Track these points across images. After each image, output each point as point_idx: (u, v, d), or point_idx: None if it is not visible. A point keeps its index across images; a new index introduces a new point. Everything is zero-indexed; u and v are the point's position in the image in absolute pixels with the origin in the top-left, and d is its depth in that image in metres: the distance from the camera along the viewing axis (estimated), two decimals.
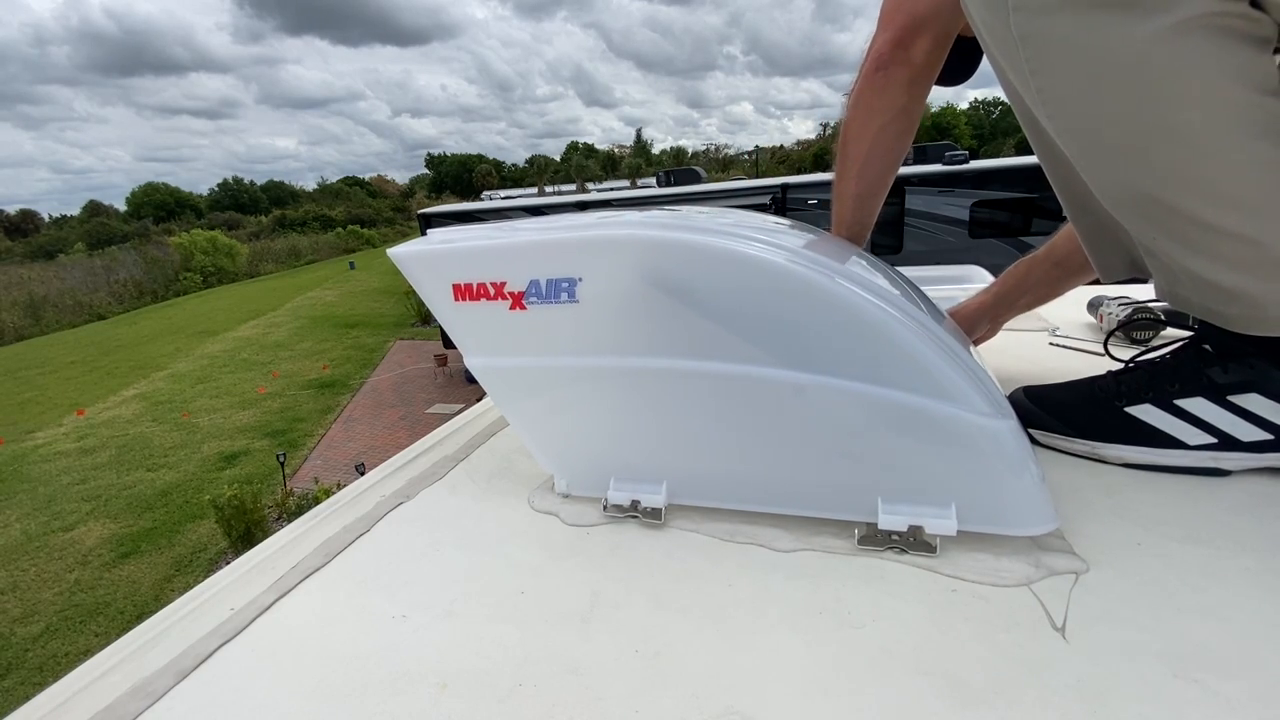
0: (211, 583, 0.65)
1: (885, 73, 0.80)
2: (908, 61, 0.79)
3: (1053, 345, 1.18)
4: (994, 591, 0.54)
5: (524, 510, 0.74)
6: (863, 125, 0.85)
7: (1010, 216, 9.84)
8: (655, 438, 0.69)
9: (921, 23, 0.77)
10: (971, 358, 0.59)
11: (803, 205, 10.63)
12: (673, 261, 0.60)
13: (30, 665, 6.55)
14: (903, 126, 0.85)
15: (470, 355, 0.71)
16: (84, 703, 0.50)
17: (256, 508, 8.33)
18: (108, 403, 14.98)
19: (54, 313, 28.52)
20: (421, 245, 0.68)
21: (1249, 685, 0.43)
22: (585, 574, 0.61)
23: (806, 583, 0.57)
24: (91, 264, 34.84)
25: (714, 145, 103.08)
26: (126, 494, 10.19)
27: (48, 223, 72.63)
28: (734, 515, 0.68)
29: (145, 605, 7.14)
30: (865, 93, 0.83)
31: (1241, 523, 0.60)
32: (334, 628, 0.57)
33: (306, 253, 47.21)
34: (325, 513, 0.77)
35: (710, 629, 0.52)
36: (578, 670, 0.49)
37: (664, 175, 13.31)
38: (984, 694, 0.44)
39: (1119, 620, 0.49)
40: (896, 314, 0.56)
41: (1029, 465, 0.58)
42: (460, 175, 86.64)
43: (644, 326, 0.63)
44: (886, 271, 0.77)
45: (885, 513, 0.60)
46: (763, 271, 0.57)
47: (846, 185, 0.90)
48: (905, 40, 0.78)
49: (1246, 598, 0.51)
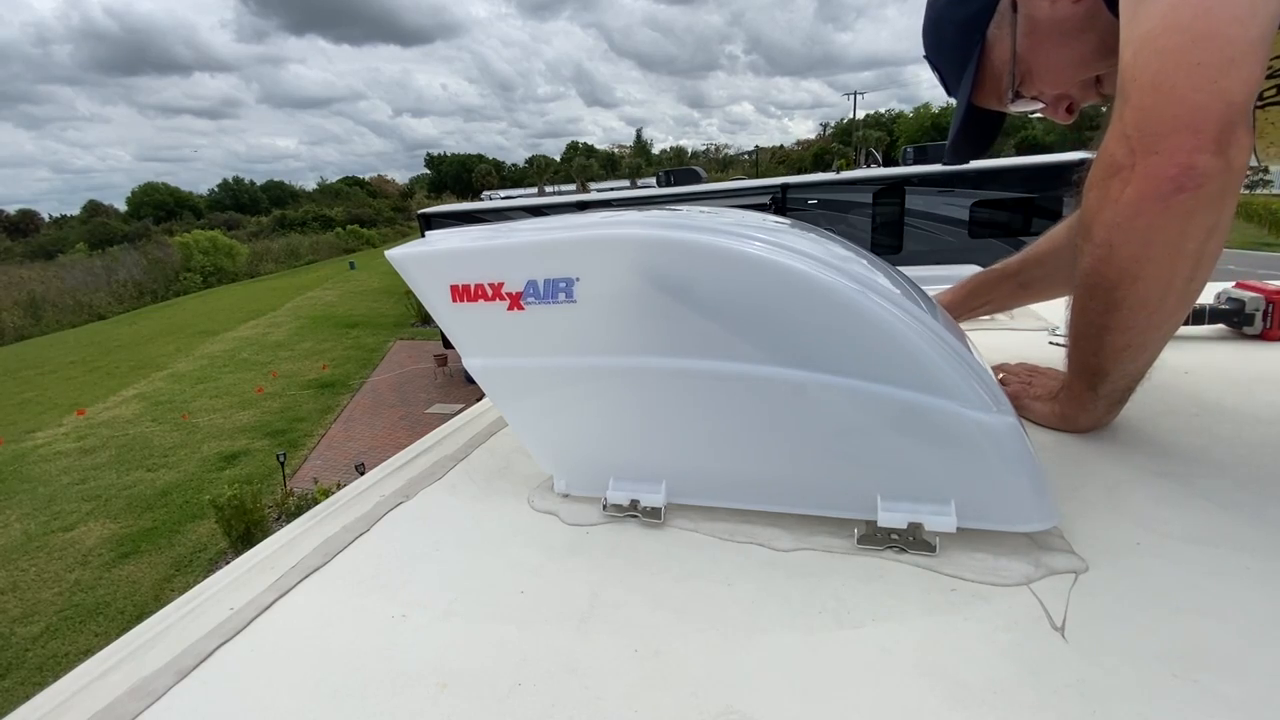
0: (211, 583, 0.65)
1: (1197, 193, 0.57)
2: (1230, 168, 0.56)
3: (1052, 344, 1.19)
4: (994, 591, 0.54)
5: (523, 510, 0.74)
6: (1162, 266, 0.62)
7: (1010, 216, 9.86)
8: (654, 437, 0.69)
9: (1241, 113, 0.56)
10: (971, 355, 0.58)
11: (802, 205, 10.64)
12: (671, 261, 0.60)
13: (30, 665, 6.55)
14: (1218, 249, 0.62)
15: (469, 356, 0.71)
16: (84, 703, 0.50)
17: (256, 508, 8.34)
18: (108, 403, 14.98)
19: (54, 313, 28.51)
20: (418, 247, 0.68)
21: (1249, 685, 0.43)
22: (584, 574, 0.61)
23: (806, 582, 0.57)
24: (91, 264, 34.84)
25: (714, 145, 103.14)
26: (126, 494, 10.19)
27: (48, 223, 72.63)
28: (733, 514, 0.68)
29: (145, 605, 7.15)
30: (1161, 225, 0.60)
31: (1241, 523, 0.60)
32: (334, 627, 0.57)
33: (306, 253, 47.22)
34: (325, 513, 0.77)
35: (709, 628, 0.52)
36: (577, 670, 0.49)
37: (664, 175, 13.33)
38: (983, 693, 0.44)
39: (1119, 620, 0.49)
40: (896, 312, 0.56)
41: (1029, 462, 0.58)
42: (460, 175, 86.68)
43: (643, 326, 0.63)
44: (886, 270, 0.77)
45: (885, 510, 0.60)
46: (762, 270, 0.57)
47: (1118, 337, 0.68)
48: (1225, 140, 0.56)
49: (1246, 598, 0.50)
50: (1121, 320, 0.67)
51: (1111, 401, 0.78)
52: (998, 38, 0.77)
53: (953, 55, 0.83)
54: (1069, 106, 0.79)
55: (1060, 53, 0.74)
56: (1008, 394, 0.62)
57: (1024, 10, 0.74)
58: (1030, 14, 0.74)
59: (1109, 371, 0.73)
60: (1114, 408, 0.79)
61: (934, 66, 0.88)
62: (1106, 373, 0.73)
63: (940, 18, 0.83)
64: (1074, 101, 0.79)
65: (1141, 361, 0.72)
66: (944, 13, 0.83)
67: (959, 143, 0.88)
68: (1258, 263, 16.47)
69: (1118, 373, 0.73)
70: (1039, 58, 0.75)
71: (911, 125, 60.26)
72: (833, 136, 74.55)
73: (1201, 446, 0.75)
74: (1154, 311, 0.66)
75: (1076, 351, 0.75)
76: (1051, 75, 0.76)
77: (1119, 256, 0.63)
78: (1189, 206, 0.58)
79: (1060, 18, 0.72)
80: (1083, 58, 0.74)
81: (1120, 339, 0.69)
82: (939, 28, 0.84)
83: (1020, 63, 0.76)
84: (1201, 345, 1.12)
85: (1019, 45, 0.75)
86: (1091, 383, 0.75)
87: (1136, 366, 0.73)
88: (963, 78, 0.81)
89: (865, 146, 31.24)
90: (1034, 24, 0.74)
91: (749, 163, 77.25)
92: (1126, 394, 0.77)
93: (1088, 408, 0.78)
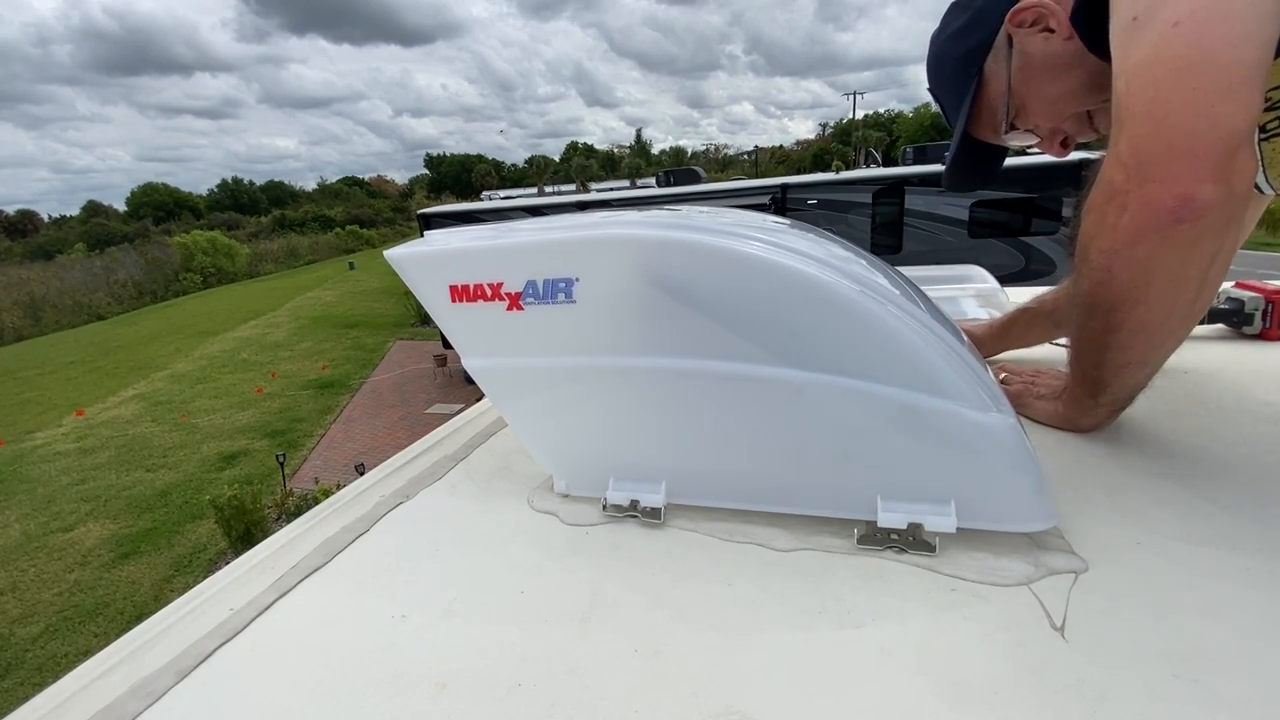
0: (211, 583, 0.65)
1: (1198, 223, 0.56)
2: (1231, 196, 0.55)
3: (1054, 345, 1.18)
4: (993, 591, 0.54)
5: (523, 510, 0.74)
6: (1163, 293, 0.62)
7: (1010, 216, 9.86)
8: (654, 437, 0.69)
9: (1240, 139, 0.55)
10: (970, 355, 0.58)
11: (802, 205, 10.65)
12: (671, 261, 0.60)
13: (30, 665, 6.55)
14: (1222, 272, 0.62)
15: (468, 356, 0.71)
16: (84, 703, 0.50)
17: (256, 508, 8.33)
18: (107, 403, 14.98)
19: (53, 313, 28.51)
20: (417, 247, 0.68)
21: (1249, 685, 0.43)
22: (584, 574, 0.61)
23: (806, 582, 0.57)
24: (91, 264, 34.84)
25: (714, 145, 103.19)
26: (126, 494, 10.19)
27: (47, 223, 72.61)
28: (733, 514, 0.68)
29: (145, 605, 7.14)
30: (1161, 255, 0.59)
31: (1241, 523, 0.60)
32: (334, 628, 0.57)
33: (306, 253, 47.24)
34: (325, 513, 0.77)
35: (709, 628, 0.52)
36: (577, 670, 0.49)
37: (664, 175, 13.33)
38: (983, 693, 0.44)
39: (1119, 620, 0.49)
40: (895, 312, 0.56)
41: (1028, 462, 0.58)
42: (460, 175, 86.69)
43: (642, 326, 0.63)
44: (886, 270, 0.77)
45: (885, 510, 0.60)
46: (761, 270, 0.57)
47: (1118, 354, 0.69)
48: (1225, 168, 0.55)
49: (1246, 598, 0.50)
50: (1121, 340, 0.67)
51: (1113, 409, 0.78)
52: (994, 72, 0.80)
53: (951, 88, 0.86)
54: (1064, 140, 0.81)
55: (1052, 87, 0.76)
56: (1010, 393, 0.62)
57: (1019, 46, 0.76)
58: (1024, 49, 0.76)
59: (1110, 384, 0.73)
60: (1116, 413, 0.79)
61: (936, 99, 0.91)
62: (1107, 384, 0.74)
63: (941, 53, 0.87)
64: (1069, 136, 0.81)
65: (1143, 375, 0.72)
66: (944, 49, 0.86)
67: (955, 171, 0.91)
68: (1258, 262, 16.49)
69: (1118, 385, 0.74)
70: (1032, 91, 0.77)
71: (911, 125, 60.27)
72: (832, 136, 74.58)
73: (1201, 446, 0.75)
74: (1154, 333, 0.66)
75: (1077, 363, 0.76)
76: (1044, 109, 0.78)
77: (1118, 282, 0.63)
78: (1190, 237, 0.57)
79: (1052, 52, 0.74)
80: (1074, 92, 0.76)
81: (1121, 356, 0.69)
82: (940, 63, 0.87)
83: (1014, 96, 0.79)
84: (1201, 345, 1.12)
85: (1013, 79, 0.78)
86: (1092, 391, 0.76)
87: (1138, 380, 0.73)
88: (960, 109, 0.84)
89: (865, 146, 31.24)
90: (1028, 59, 0.76)
91: (748, 163, 77.32)
92: (1128, 401, 0.77)
93: (1089, 412, 0.79)
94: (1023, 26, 0.75)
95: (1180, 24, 0.55)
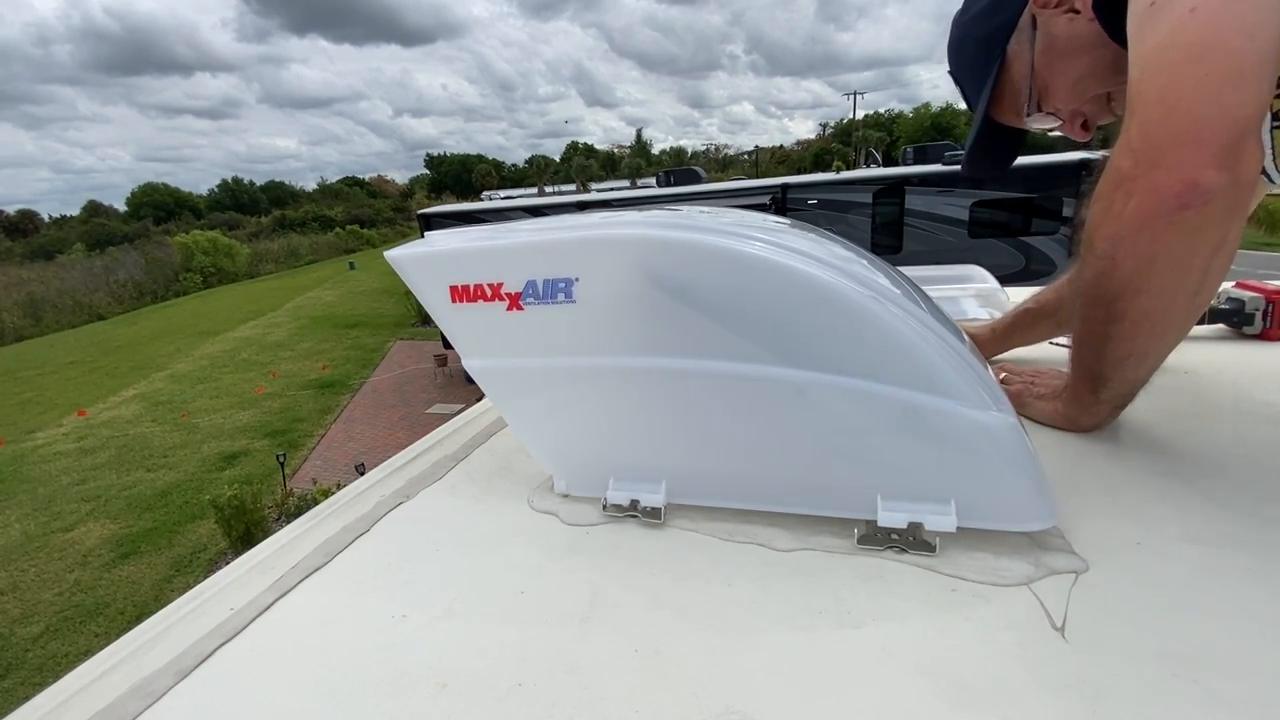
0: (211, 583, 0.65)
1: (1204, 209, 0.56)
2: (1237, 184, 0.55)
3: (1053, 344, 1.18)
4: (994, 591, 0.54)
5: (523, 510, 0.74)
6: (1166, 281, 0.62)
7: (1010, 216, 9.86)
8: (654, 437, 0.69)
9: (1248, 127, 0.54)
10: (971, 355, 0.58)
11: (802, 205, 10.64)
12: (671, 261, 0.60)
13: (30, 665, 6.55)
14: (1226, 264, 0.62)
15: (468, 356, 0.71)
16: (84, 703, 0.50)
17: (256, 508, 8.33)
18: (108, 403, 14.98)
19: (54, 313, 28.51)
20: (417, 248, 0.68)
21: (1249, 685, 0.43)
22: (584, 574, 0.61)
23: (806, 582, 0.57)
24: (91, 264, 34.84)
25: (714, 145, 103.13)
26: (126, 494, 10.19)
27: (47, 223, 72.59)
28: (733, 514, 0.68)
29: (145, 605, 7.14)
30: (1166, 241, 0.59)
31: (1241, 523, 0.60)
32: (334, 628, 0.57)
33: (306, 253, 47.23)
34: (325, 513, 0.77)
35: (710, 628, 0.52)
36: (577, 670, 0.49)
37: (664, 175, 13.33)
38: (983, 693, 0.44)
39: (1119, 620, 0.49)
40: (896, 312, 0.56)
41: (1028, 461, 0.58)
42: (460, 175, 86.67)
43: (642, 326, 0.63)
44: (887, 270, 0.77)
45: (885, 510, 0.60)
46: (762, 270, 0.57)
47: (1120, 346, 0.68)
48: (1232, 155, 0.55)
49: (1246, 598, 0.51)
50: (1124, 331, 0.67)
51: (1114, 405, 0.78)
52: (1017, 53, 0.80)
53: (974, 70, 0.86)
54: (1084, 123, 0.81)
55: (1076, 68, 0.76)
56: (1010, 393, 0.62)
57: (1043, 27, 0.76)
58: (1048, 30, 0.76)
59: (1110, 378, 0.73)
60: (1117, 410, 0.79)
61: (957, 82, 0.91)
62: (1108, 379, 0.73)
63: (964, 35, 0.86)
64: (1089, 118, 0.80)
65: (1144, 370, 0.72)
66: (968, 29, 0.86)
67: (974, 155, 0.91)
68: (1258, 262, 16.47)
69: (1119, 379, 0.73)
70: (1056, 73, 0.77)
71: (911, 125, 60.24)
72: (833, 136, 74.55)
73: (1201, 446, 0.75)
74: (1157, 323, 0.66)
75: (1079, 357, 0.75)
76: (1067, 90, 0.78)
77: (1121, 269, 0.63)
78: (1195, 223, 0.57)
79: (1076, 33, 0.74)
80: (1097, 73, 0.75)
81: (1123, 348, 0.69)
82: (963, 44, 0.87)
83: (1037, 78, 0.78)
84: (1201, 345, 1.12)
85: (1036, 61, 0.78)
86: (1093, 387, 0.76)
87: (1139, 374, 0.73)
88: (982, 91, 0.84)
89: (865, 146, 31.22)
90: (1051, 40, 0.76)
91: (749, 163, 77.26)
92: (1129, 398, 0.77)
93: (1090, 410, 0.78)
94: (1048, 7, 0.75)
95: (1197, 9, 0.55)
